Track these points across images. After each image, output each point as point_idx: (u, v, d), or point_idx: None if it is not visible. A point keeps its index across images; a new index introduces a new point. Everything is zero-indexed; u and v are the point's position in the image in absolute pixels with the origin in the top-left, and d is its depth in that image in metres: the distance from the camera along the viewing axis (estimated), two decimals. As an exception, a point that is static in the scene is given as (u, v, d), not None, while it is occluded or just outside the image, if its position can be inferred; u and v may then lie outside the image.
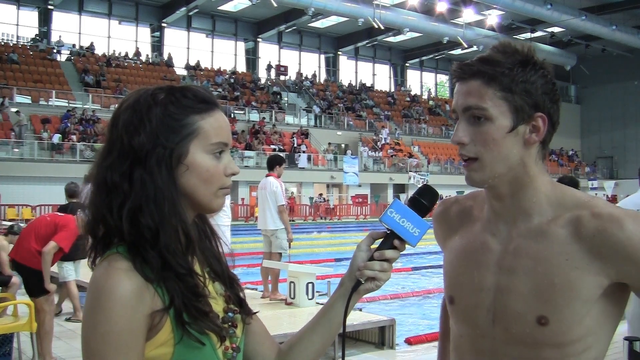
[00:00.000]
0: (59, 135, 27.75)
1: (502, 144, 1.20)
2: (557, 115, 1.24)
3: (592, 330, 1.18)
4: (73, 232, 5.55)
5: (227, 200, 7.40)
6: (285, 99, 41.21)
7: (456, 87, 1.25)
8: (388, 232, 1.23)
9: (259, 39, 44.86)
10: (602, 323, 1.19)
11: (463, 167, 1.26)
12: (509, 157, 1.21)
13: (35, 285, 5.49)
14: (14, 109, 28.89)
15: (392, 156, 38.95)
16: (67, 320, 7.40)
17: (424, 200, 1.24)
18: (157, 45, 41.09)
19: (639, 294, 1.18)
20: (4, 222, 18.96)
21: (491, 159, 1.21)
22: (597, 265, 1.15)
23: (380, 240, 1.25)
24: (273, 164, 8.07)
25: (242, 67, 44.34)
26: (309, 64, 47.39)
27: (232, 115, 35.02)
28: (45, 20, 37.46)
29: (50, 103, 30.96)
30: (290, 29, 44.15)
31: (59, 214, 5.95)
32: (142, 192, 1.07)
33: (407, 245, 1.24)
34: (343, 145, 39.13)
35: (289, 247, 7.90)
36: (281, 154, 34.19)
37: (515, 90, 1.19)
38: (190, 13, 40.53)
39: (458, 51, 47.33)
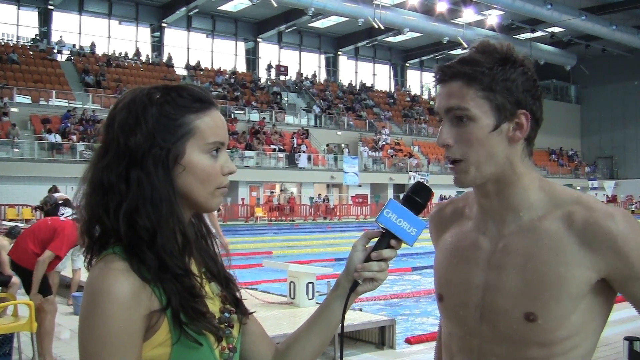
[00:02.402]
0: (56, 134, 27.71)
1: (487, 143, 1.20)
2: (540, 111, 1.24)
3: (580, 329, 1.18)
4: (70, 238, 5.49)
5: None
6: (285, 99, 41.21)
7: (438, 89, 1.26)
8: (383, 231, 1.23)
9: (259, 39, 44.86)
10: (589, 321, 1.19)
11: (450, 169, 1.26)
12: (494, 156, 1.21)
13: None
14: (14, 109, 28.92)
15: (392, 156, 38.95)
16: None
17: (418, 198, 1.24)
18: (157, 45, 41.11)
19: (623, 290, 1.18)
20: (4, 222, 18.96)
21: (477, 159, 1.21)
22: (586, 258, 1.15)
23: (376, 238, 1.25)
24: None
25: (242, 67, 44.36)
26: (309, 64, 47.42)
27: (232, 115, 35.03)
28: (45, 20, 37.48)
29: (50, 103, 30.96)
30: (290, 29, 44.16)
31: (61, 218, 5.94)
32: (139, 192, 1.07)
33: (404, 244, 1.24)
34: (343, 146, 39.17)
35: (227, 251, 7.57)
36: (281, 154, 34.22)
37: (496, 89, 1.19)
38: (190, 13, 40.54)
39: (458, 51, 47.27)
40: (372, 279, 1.21)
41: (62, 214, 7.29)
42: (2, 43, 34.54)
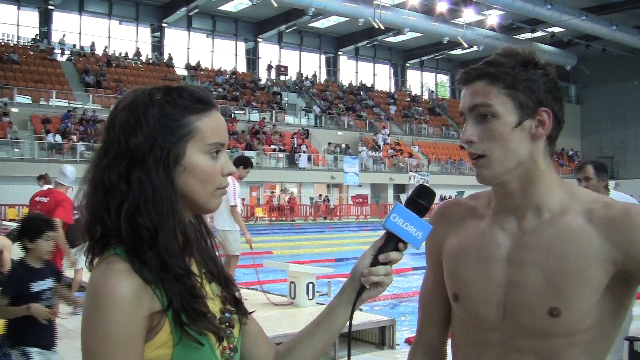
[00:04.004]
0: (56, 134, 27.72)
1: (510, 139, 1.23)
2: (562, 112, 1.28)
3: (599, 323, 1.20)
4: (68, 203, 5.57)
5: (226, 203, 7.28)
6: (286, 99, 41.23)
7: (462, 91, 1.29)
8: (388, 234, 1.23)
9: (259, 39, 44.87)
10: (608, 317, 1.21)
11: (473, 166, 1.28)
12: (517, 152, 1.24)
13: None
14: (14, 109, 28.95)
15: (392, 156, 38.95)
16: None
17: (422, 201, 1.25)
18: (158, 45, 41.11)
19: None
20: (4, 222, 18.98)
21: (499, 155, 1.24)
22: (604, 250, 1.18)
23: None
24: (237, 164, 7.63)
25: (242, 67, 44.36)
26: (309, 64, 47.42)
27: (233, 115, 35.04)
28: (45, 20, 37.49)
29: (50, 103, 30.98)
30: (290, 29, 44.16)
31: (43, 199, 5.90)
32: (140, 192, 1.07)
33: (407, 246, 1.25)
34: (343, 146, 39.18)
35: (251, 247, 7.48)
36: (281, 154, 34.13)
37: (519, 87, 1.23)
38: (191, 13, 40.54)
39: (458, 51, 47.32)
40: (378, 283, 1.22)
41: None
42: (3, 43, 34.56)
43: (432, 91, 52.75)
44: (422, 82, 53.85)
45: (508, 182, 1.26)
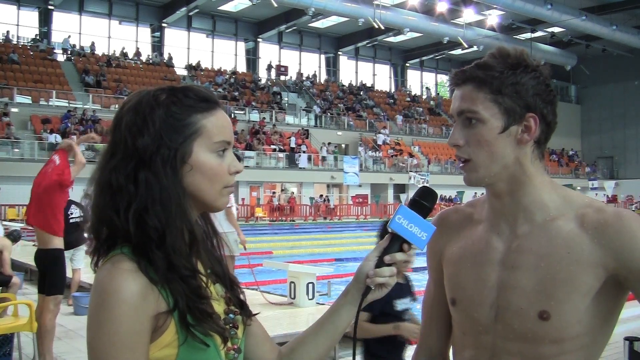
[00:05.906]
0: (56, 134, 27.70)
1: (495, 145, 1.24)
2: (552, 115, 1.27)
3: (589, 329, 1.20)
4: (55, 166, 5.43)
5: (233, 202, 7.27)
6: (286, 99, 41.23)
7: (454, 92, 1.30)
8: (393, 236, 1.24)
9: (259, 39, 44.87)
10: (598, 324, 1.21)
11: (460, 169, 1.30)
12: (502, 157, 1.25)
13: (51, 281, 5.48)
14: (14, 109, 28.95)
15: (392, 156, 38.95)
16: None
17: (425, 202, 1.26)
18: (158, 46, 41.11)
19: (632, 288, 1.20)
20: (5, 222, 18.96)
21: (484, 159, 1.25)
22: (596, 255, 1.18)
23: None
24: None
25: (242, 67, 44.36)
26: (309, 64, 47.41)
27: (233, 115, 35.01)
28: (45, 20, 37.49)
29: (50, 103, 30.98)
30: (290, 29, 44.17)
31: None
32: (147, 193, 1.07)
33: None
34: (344, 146, 39.15)
35: (244, 248, 7.50)
36: (281, 154, 34.12)
37: (505, 92, 1.23)
38: (191, 13, 40.55)
39: (458, 51, 47.31)
40: (383, 284, 1.22)
41: (72, 214, 7.25)
42: (3, 43, 34.52)
43: (428, 88, 52.83)
44: (422, 82, 53.86)
45: (495, 183, 1.28)
